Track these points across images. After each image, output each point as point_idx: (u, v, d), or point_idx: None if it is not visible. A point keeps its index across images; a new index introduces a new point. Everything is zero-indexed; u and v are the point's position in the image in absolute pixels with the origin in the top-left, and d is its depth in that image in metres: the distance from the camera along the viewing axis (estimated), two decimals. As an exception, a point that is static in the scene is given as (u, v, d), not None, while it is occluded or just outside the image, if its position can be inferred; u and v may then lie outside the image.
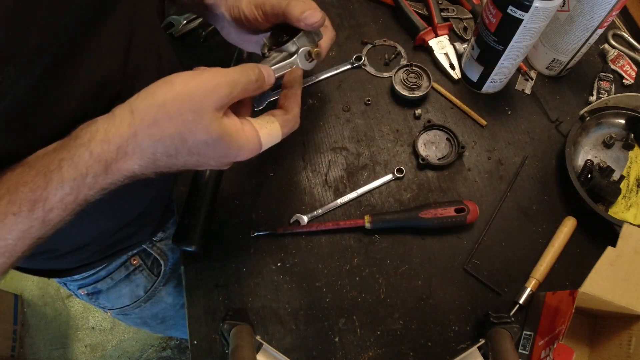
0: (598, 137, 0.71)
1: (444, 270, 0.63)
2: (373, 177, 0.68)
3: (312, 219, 0.65)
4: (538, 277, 0.61)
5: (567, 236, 0.63)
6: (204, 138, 0.37)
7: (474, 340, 0.58)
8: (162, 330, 0.89)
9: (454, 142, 0.70)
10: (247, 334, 0.50)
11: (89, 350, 1.65)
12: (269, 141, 0.43)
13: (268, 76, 0.43)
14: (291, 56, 0.48)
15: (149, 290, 0.72)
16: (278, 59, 0.48)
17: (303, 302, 0.60)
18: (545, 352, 0.52)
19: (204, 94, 0.36)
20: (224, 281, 0.62)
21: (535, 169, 0.70)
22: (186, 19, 0.79)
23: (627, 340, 0.52)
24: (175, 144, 0.37)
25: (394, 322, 0.60)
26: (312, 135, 0.71)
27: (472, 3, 0.81)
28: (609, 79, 0.76)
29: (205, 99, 0.36)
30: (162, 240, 0.71)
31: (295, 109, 0.46)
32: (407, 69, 0.74)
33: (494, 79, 0.71)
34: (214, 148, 0.38)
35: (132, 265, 0.69)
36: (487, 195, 0.67)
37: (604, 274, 0.51)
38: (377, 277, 0.62)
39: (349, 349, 0.58)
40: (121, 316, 0.78)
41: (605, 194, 0.64)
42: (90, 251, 0.60)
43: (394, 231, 0.64)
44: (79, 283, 0.67)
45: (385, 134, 0.72)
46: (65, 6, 0.35)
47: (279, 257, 0.63)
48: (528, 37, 0.62)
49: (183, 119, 0.36)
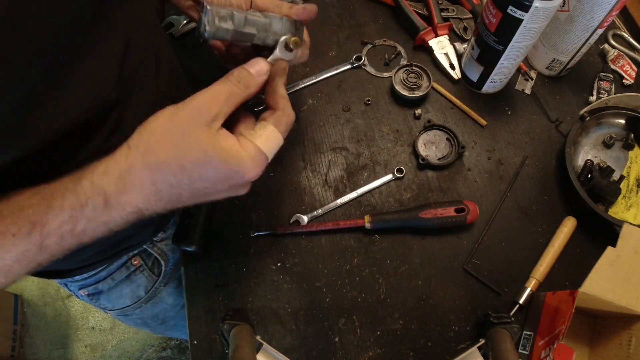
0: (598, 137, 0.71)
1: (444, 270, 0.63)
2: (373, 177, 0.68)
3: (312, 219, 0.65)
4: (538, 277, 0.61)
5: (567, 236, 0.63)
6: (197, 156, 0.36)
7: (474, 340, 0.58)
8: (162, 330, 0.89)
9: (454, 142, 0.70)
10: (247, 334, 0.50)
11: (89, 350, 1.65)
12: (271, 147, 0.41)
13: (258, 73, 0.40)
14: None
15: (149, 291, 0.72)
16: (252, 19, 0.44)
17: (303, 302, 0.60)
18: (545, 352, 0.52)
19: (189, 113, 0.36)
20: (224, 281, 0.62)
21: (535, 169, 0.70)
22: (186, 19, 0.79)
23: (627, 340, 0.52)
24: (173, 171, 0.36)
25: (394, 322, 0.60)
26: (312, 135, 0.71)
27: (472, 3, 0.81)
28: (609, 79, 0.76)
29: (191, 117, 0.36)
30: (162, 240, 0.71)
31: (282, 102, 0.43)
32: (407, 69, 0.74)
33: (494, 79, 0.71)
34: (212, 168, 0.37)
35: (132, 265, 0.68)
36: (487, 195, 0.67)
37: (604, 274, 0.51)
38: (377, 277, 0.62)
39: (349, 349, 0.58)
40: (122, 317, 0.78)
41: (605, 194, 0.64)
42: (91, 252, 0.60)
43: (394, 231, 0.64)
44: (80, 284, 0.67)
45: (385, 134, 0.72)
46: (61, 5, 0.35)
47: (279, 257, 0.63)
48: (528, 37, 0.62)
49: (172, 140, 0.35)
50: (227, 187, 0.39)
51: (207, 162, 0.36)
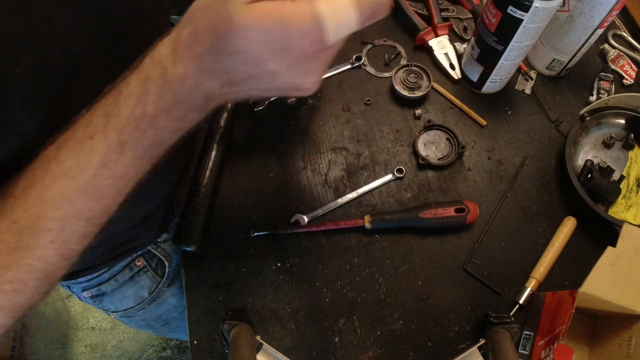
0: (598, 137, 0.71)
1: (444, 270, 0.63)
2: (373, 177, 0.68)
3: (312, 219, 0.65)
4: (538, 277, 0.61)
5: (567, 236, 0.63)
6: (235, 22, 0.28)
7: (474, 340, 0.58)
8: (165, 332, 0.89)
9: (454, 142, 0.70)
10: (247, 334, 0.50)
11: (89, 350, 1.65)
12: (336, 20, 0.28)
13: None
14: None
15: (153, 292, 0.72)
16: None
17: (303, 302, 0.60)
18: (545, 352, 0.52)
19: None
20: (224, 281, 0.62)
21: (535, 169, 0.70)
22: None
23: (627, 340, 0.52)
24: (210, 42, 0.30)
25: (394, 322, 0.60)
26: (312, 135, 0.71)
27: (472, 3, 0.81)
28: (609, 79, 0.76)
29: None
30: (166, 241, 0.71)
31: None
32: (407, 69, 0.74)
33: (494, 79, 0.71)
34: (255, 34, 0.28)
35: (136, 266, 0.68)
36: (487, 195, 0.67)
37: (604, 274, 0.51)
38: (377, 277, 0.62)
39: (349, 349, 0.58)
40: (125, 318, 0.78)
41: (605, 194, 0.64)
42: (96, 253, 0.60)
43: (394, 231, 0.64)
44: (83, 285, 0.67)
45: (385, 134, 0.72)
46: None
47: (279, 257, 0.63)
48: (528, 37, 0.62)
49: (209, 7, 0.29)
50: (278, 58, 0.29)
51: (247, 27, 0.28)
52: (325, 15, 0.28)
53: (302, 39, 0.28)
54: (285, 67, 0.30)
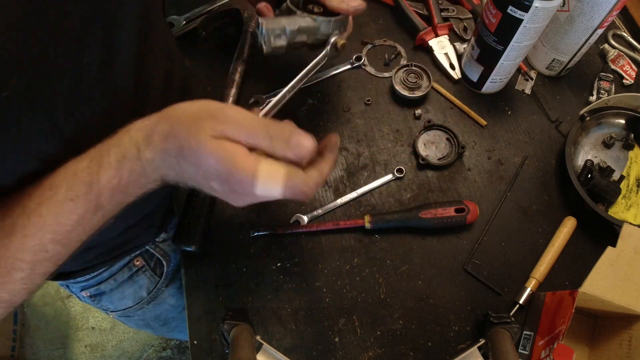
0: (598, 137, 0.71)
1: (444, 270, 0.63)
2: (373, 177, 0.68)
3: (312, 219, 0.65)
4: (538, 277, 0.61)
5: (567, 236, 0.63)
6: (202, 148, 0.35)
7: (474, 340, 0.58)
8: (164, 332, 0.89)
9: (454, 142, 0.70)
10: (247, 334, 0.50)
11: (89, 350, 1.65)
12: (266, 180, 0.36)
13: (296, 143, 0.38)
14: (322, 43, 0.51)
15: (152, 291, 0.72)
16: (303, 26, 0.48)
17: (303, 302, 0.60)
18: (545, 352, 0.52)
19: (213, 113, 0.37)
20: (224, 281, 0.62)
21: (535, 169, 0.70)
22: (186, 19, 0.79)
23: (627, 340, 0.52)
24: (178, 150, 0.36)
25: (394, 322, 0.60)
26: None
27: (472, 3, 0.81)
28: (609, 79, 0.76)
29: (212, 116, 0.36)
30: (164, 241, 0.71)
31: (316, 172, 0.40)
32: (407, 69, 0.74)
33: (494, 79, 0.71)
34: (210, 162, 0.36)
35: (135, 266, 0.69)
36: (487, 195, 0.67)
37: (604, 274, 0.51)
38: (377, 277, 0.62)
39: (349, 349, 0.58)
40: (124, 318, 0.78)
41: (605, 194, 0.64)
42: (95, 253, 0.60)
43: (394, 231, 0.64)
44: (82, 285, 0.67)
45: (385, 134, 0.72)
46: None
47: (279, 257, 0.63)
48: (528, 37, 0.62)
49: (189, 125, 0.36)
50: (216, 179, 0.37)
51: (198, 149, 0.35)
52: (261, 177, 0.36)
53: (238, 182, 0.36)
54: (222, 190, 0.38)
